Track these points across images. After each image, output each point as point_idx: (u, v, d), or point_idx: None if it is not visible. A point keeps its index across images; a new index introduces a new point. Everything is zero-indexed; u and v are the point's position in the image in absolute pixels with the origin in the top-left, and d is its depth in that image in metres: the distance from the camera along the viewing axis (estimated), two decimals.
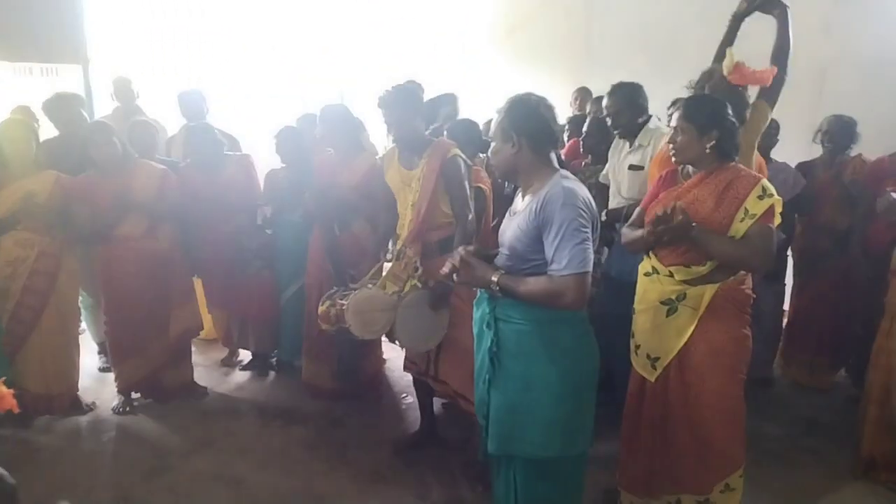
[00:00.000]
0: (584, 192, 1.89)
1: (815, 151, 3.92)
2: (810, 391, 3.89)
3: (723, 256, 2.18)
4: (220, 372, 4.16)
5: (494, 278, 1.88)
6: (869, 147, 3.76)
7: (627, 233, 2.43)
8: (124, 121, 4.09)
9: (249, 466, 3.06)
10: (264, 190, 3.94)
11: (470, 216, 2.83)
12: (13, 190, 3.24)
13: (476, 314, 2.13)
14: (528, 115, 1.92)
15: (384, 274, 2.83)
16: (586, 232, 1.82)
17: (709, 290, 2.23)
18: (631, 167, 3.20)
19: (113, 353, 3.61)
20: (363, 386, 3.75)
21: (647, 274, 2.36)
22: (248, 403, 3.74)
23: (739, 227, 2.16)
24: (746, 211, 2.15)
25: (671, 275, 2.26)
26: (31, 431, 3.33)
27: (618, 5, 5.65)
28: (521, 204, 1.98)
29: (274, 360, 4.19)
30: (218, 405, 3.72)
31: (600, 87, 4.91)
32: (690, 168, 2.32)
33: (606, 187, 3.43)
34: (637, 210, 2.50)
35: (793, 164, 3.86)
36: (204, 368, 4.13)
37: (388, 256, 3.33)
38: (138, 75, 4.97)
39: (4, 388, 1.43)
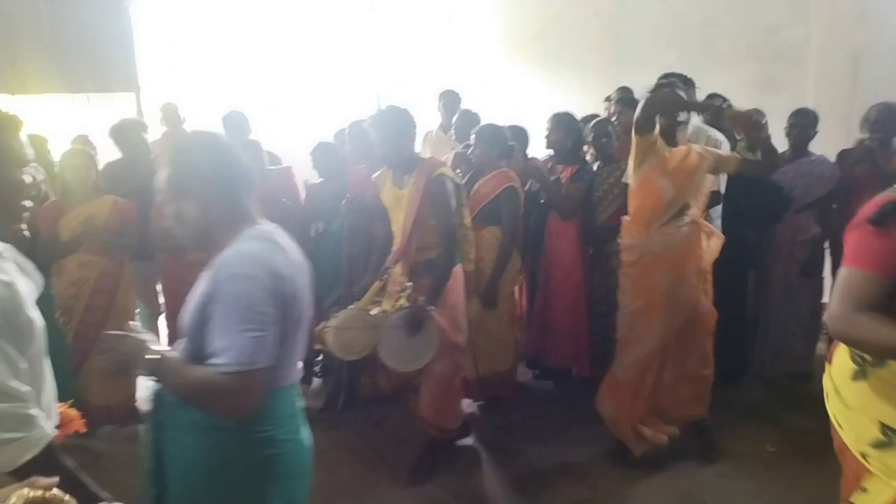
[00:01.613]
0: (278, 256, 1.46)
1: (850, 140, 3.84)
2: None
3: None
4: None
5: (147, 356, 1.42)
6: None
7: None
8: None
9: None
10: (306, 203, 4.12)
11: (453, 236, 2.88)
12: (75, 214, 3.50)
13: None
14: (202, 158, 1.50)
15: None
16: (261, 315, 1.38)
17: None
18: None
19: None
20: (397, 388, 3.86)
21: None
22: None
23: None
24: None
25: None
26: (93, 440, 3.52)
27: (647, 2, 5.63)
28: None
29: (318, 367, 4.37)
30: None
31: (632, 85, 4.94)
32: None
33: None
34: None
35: (829, 154, 3.80)
36: None
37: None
38: (185, 99, 5.27)
39: (73, 412, 1.56)
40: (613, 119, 3.91)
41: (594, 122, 3.87)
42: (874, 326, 1.36)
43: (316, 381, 4.29)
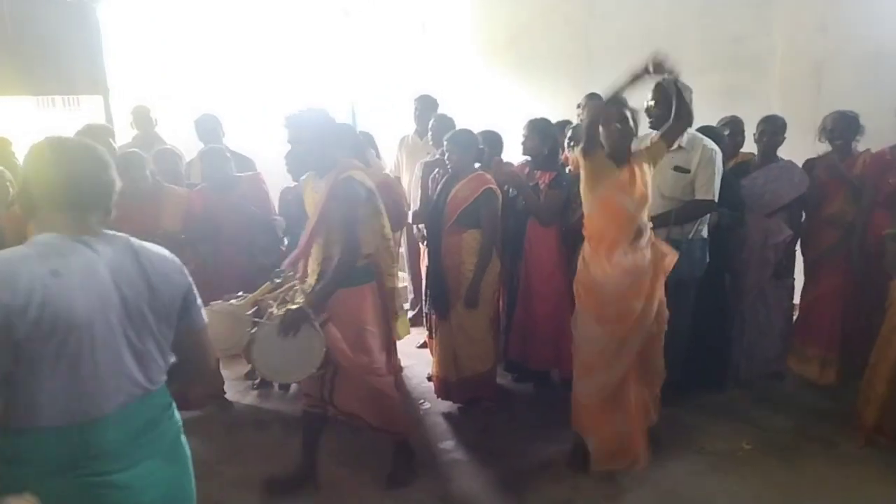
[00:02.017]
0: (25, 268, 1.38)
1: (815, 147, 3.97)
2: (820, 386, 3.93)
3: None
4: (244, 385, 4.30)
5: None
6: (868, 141, 3.82)
7: None
8: (144, 148, 4.27)
9: (276, 473, 3.18)
10: (279, 208, 4.10)
11: (353, 241, 2.68)
12: None
13: None
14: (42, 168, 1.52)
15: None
16: None
17: None
18: (676, 168, 3.35)
19: None
20: None
21: None
22: (272, 415, 3.88)
23: None
24: None
25: None
26: None
27: (616, 11, 5.75)
28: None
29: None
30: (243, 417, 3.87)
31: (602, 92, 5.04)
32: None
33: None
34: None
35: (795, 160, 3.93)
36: (228, 382, 4.27)
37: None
38: (156, 102, 5.17)
39: None
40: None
41: (570, 127, 3.93)
42: None
43: (294, 387, 4.24)
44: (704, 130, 3.62)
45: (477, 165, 3.69)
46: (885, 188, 3.48)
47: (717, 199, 3.38)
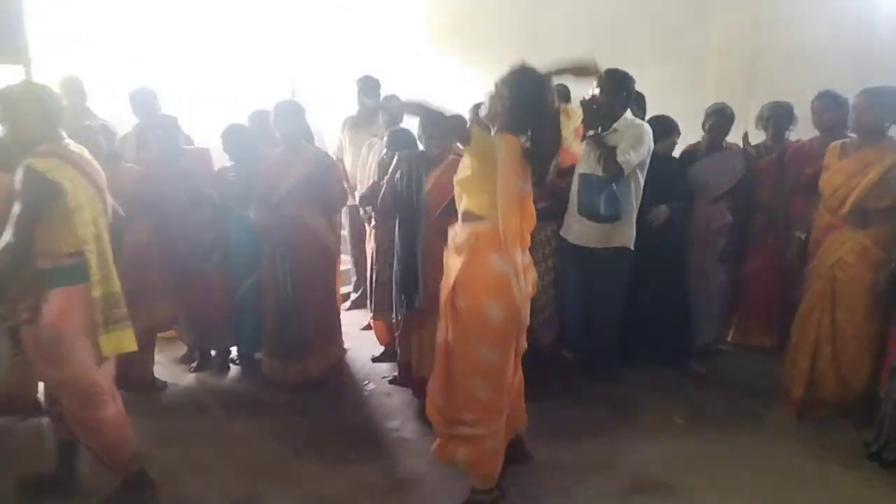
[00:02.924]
0: None
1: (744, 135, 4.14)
2: (752, 359, 4.14)
3: None
4: (179, 369, 4.17)
5: None
6: (799, 132, 4.02)
7: None
8: (74, 121, 4.05)
9: (216, 455, 3.12)
10: (215, 187, 3.97)
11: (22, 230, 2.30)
12: None
13: None
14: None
15: None
16: None
17: None
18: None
19: None
20: (326, 374, 3.83)
21: None
22: (211, 397, 3.78)
23: None
24: None
25: None
26: None
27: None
28: None
29: (234, 355, 4.23)
30: (180, 400, 3.75)
31: None
32: None
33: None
34: None
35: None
36: (164, 366, 4.14)
37: None
38: (83, 75, 4.90)
39: None
40: None
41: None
42: None
43: (234, 369, 4.15)
44: (657, 119, 3.75)
45: None
46: (804, 177, 3.66)
47: (640, 175, 3.55)
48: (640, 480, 2.89)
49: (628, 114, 3.57)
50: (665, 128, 3.81)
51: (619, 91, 3.51)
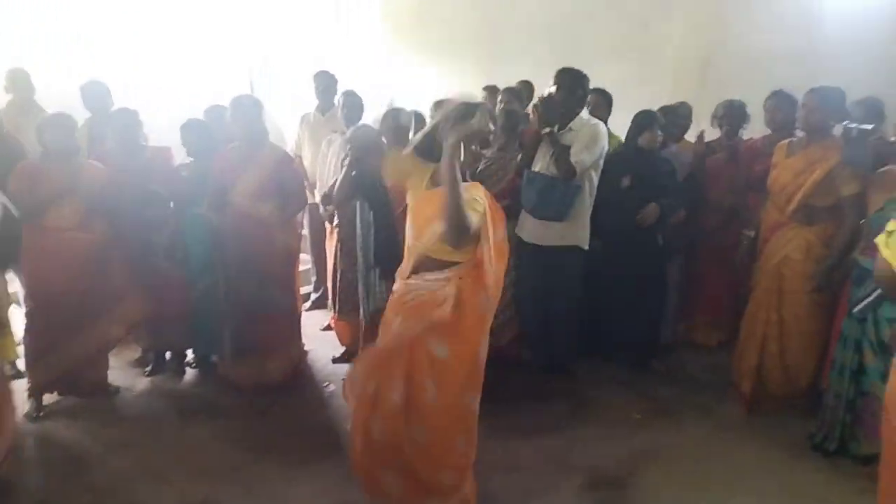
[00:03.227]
0: None
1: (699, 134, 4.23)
2: (702, 354, 4.25)
3: None
4: (134, 372, 4.08)
5: None
6: (750, 131, 4.12)
7: None
8: (20, 115, 3.92)
9: (171, 462, 3.06)
10: (173, 185, 3.88)
11: None
12: None
13: None
14: None
15: None
16: None
17: None
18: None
19: (29, 351, 3.47)
20: (285, 376, 3.79)
21: None
22: (166, 401, 3.70)
23: None
24: None
25: None
26: None
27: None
28: None
29: (190, 357, 4.15)
30: (135, 405, 3.67)
31: (508, 77, 5.13)
32: None
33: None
34: None
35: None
36: (118, 369, 4.03)
37: None
38: (32, 67, 4.74)
39: None
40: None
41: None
42: None
43: (190, 373, 4.07)
44: (640, 113, 3.79)
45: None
46: (754, 174, 3.75)
47: (594, 175, 3.58)
48: (597, 476, 2.95)
49: (584, 113, 3.61)
50: (646, 121, 3.72)
51: (574, 90, 3.55)
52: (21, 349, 3.64)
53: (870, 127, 2.94)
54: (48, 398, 3.58)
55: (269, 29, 6.79)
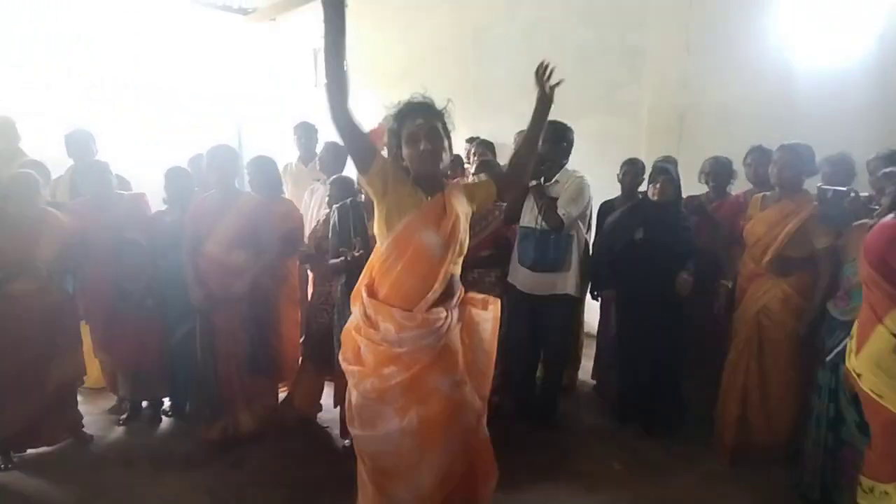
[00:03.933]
0: None
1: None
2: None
3: None
4: (109, 421, 3.99)
5: None
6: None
7: None
8: (5, 163, 3.94)
9: None
10: (151, 231, 3.87)
11: None
12: None
13: None
14: None
15: None
16: None
17: None
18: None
19: None
20: (259, 427, 3.71)
21: None
22: (140, 451, 3.62)
23: None
24: None
25: None
26: None
27: (503, 54, 6.07)
28: None
29: (166, 406, 4.08)
30: (108, 455, 3.58)
31: (489, 129, 5.25)
32: None
33: None
34: None
35: None
36: (92, 417, 3.95)
37: None
38: (18, 115, 4.77)
39: None
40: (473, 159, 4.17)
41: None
42: None
43: (166, 422, 3.99)
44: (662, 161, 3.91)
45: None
46: (737, 229, 3.81)
47: (582, 226, 3.71)
48: None
49: (568, 165, 3.71)
50: (653, 172, 3.72)
51: (560, 142, 3.65)
52: None
53: (844, 189, 3.04)
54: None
55: (260, 80, 6.92)
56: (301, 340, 4.29)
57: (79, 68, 5.69)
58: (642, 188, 4.09)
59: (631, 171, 4.18)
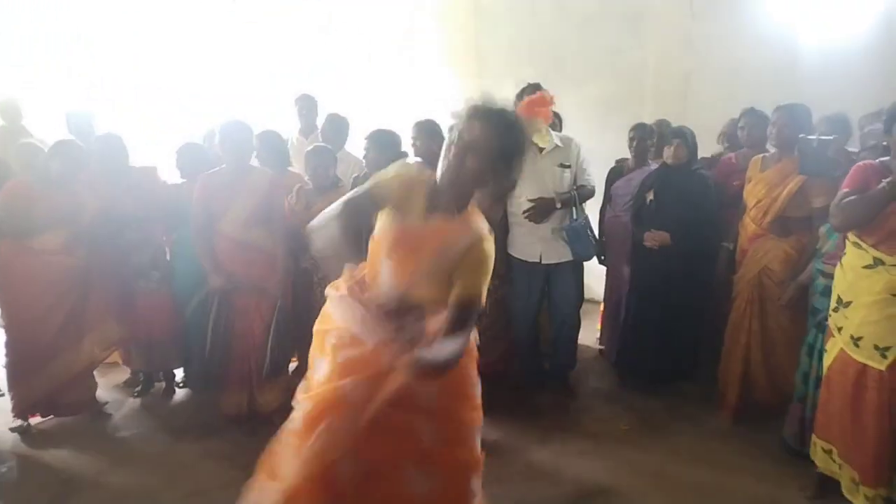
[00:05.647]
0: None
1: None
2: None
3: None
4: (123, 394, 4.08)
5: None
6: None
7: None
8: (10, 141, 3.97)
9: (162, 481, 3.06)
10: (163, 203, 3.89)
11: None
12: None
13: None
14: None
15: None
16: None
17: None
18: (561, 165, 3.65)
19: (12, 373, 3.47)
20: (275, 408, 3.69)
21: (867, 266, 2.45)
22: (157, 421, 3.70)
23: None
24: None
25: None
26: None
27: (505, 21, 5.99)
28: None
29: (179, 378, 4.15)
30: (125, 426, 3.66)
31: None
32: None
33: None
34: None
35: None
36: (107, 390, 4.03)
37: None
38: (20, 93, 4.79)
39: None
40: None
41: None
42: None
43: (180, 393, 4.07)
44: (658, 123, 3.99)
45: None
46: (730, 190, 3.81)
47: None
48: (585, 486, 2.98)
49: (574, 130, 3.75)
50: (671, 133, 3.76)
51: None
52: (3, 371, 3.65)
53: (829, 138, 3.04)
54: (36, 418, 3.59)
55: (259, 53, 6.85)
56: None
57: (79, 68, 5.65)
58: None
59: (639, 135, 4.17)
